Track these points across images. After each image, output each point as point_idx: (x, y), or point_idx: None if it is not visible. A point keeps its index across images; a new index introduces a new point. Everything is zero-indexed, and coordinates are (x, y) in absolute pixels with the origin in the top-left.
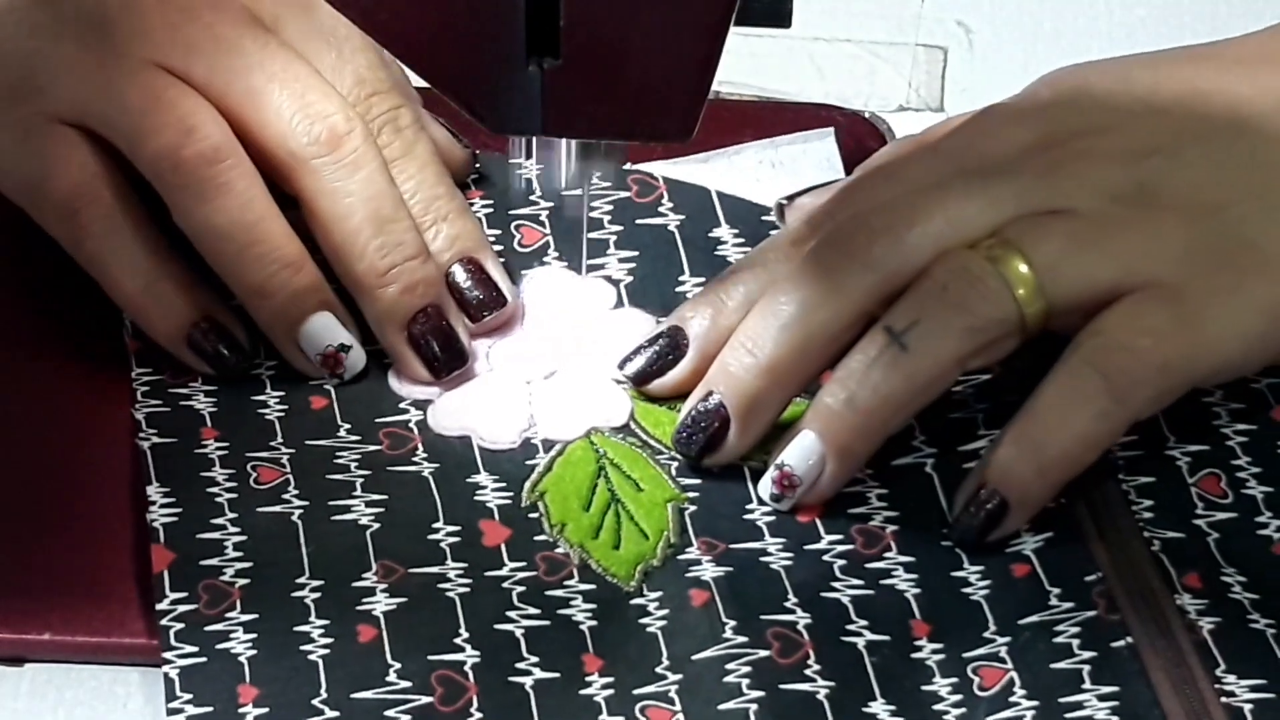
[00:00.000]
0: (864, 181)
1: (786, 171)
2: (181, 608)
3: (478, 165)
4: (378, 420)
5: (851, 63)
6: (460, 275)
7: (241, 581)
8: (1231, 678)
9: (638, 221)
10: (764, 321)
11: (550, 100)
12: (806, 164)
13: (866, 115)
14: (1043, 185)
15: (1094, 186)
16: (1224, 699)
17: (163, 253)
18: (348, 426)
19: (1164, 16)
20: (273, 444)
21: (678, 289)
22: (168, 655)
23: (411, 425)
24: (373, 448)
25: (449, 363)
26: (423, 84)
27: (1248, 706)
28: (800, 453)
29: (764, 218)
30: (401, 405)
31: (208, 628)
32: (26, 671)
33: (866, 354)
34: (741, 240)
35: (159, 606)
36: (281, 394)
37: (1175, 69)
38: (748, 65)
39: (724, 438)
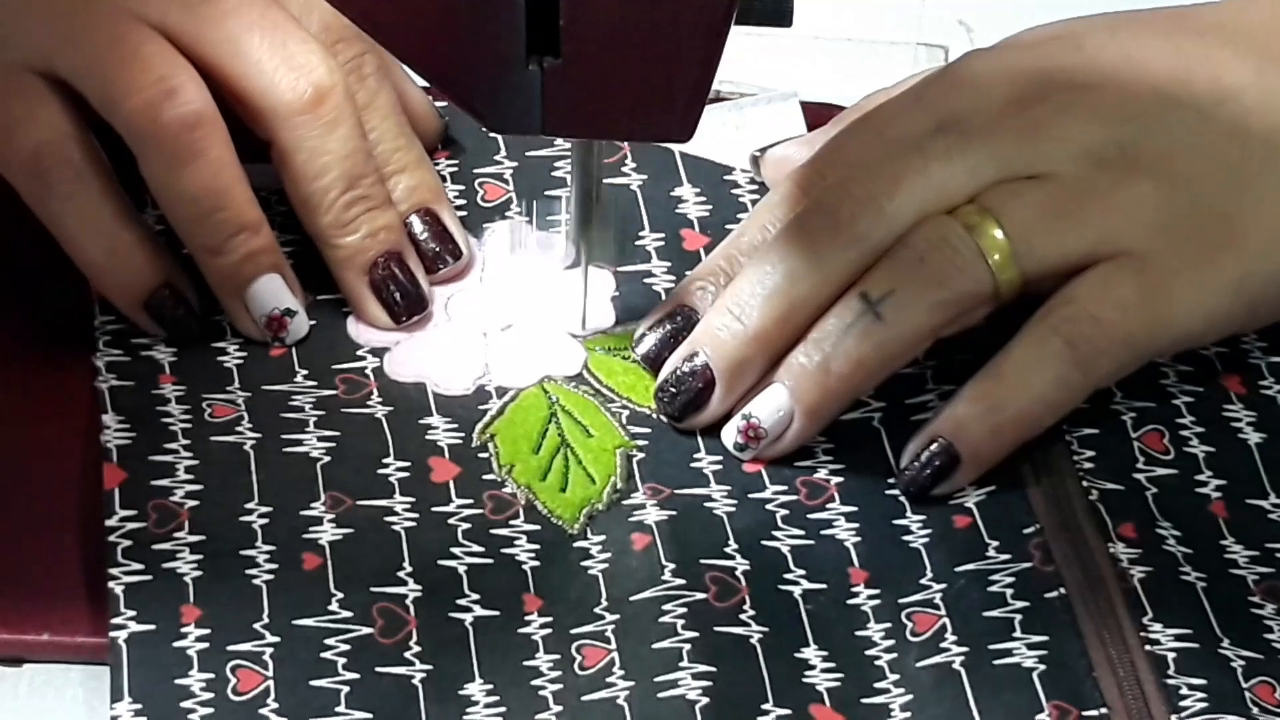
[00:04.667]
0: (849, 135)
1: (750, 133)
2: (129, 525)
3: (445, 125)
4: (334, 367)
5: (852, 61)
6: (417, 226)
7: (190, 503)
8: (1157, 626)
9: (602, 182)
10: (750, 289)
11: (550, 100)
12: (770, 126)
13: None
14: (1023, 148)
15: (1074, 149)
16: (1148, 647)
17: (126, 215)
18: (304, 373)
19: None
20: (229, 388)
21: (637, 242)
22: (113, 571)
23: (368, 372)
24: (328, 392)
25: (409, 308)
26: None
27: (1171, 655)
28: (770, 407)
29: (726, 177)
30: (359, 353)
31: (155, 546)
32: (26, 671)
33: (842, 319)
34: (703, 199)
35: (107, 523)
36: (240, 342)
37: (1160, 26)
38: (748, 65)
39: (709, 399)
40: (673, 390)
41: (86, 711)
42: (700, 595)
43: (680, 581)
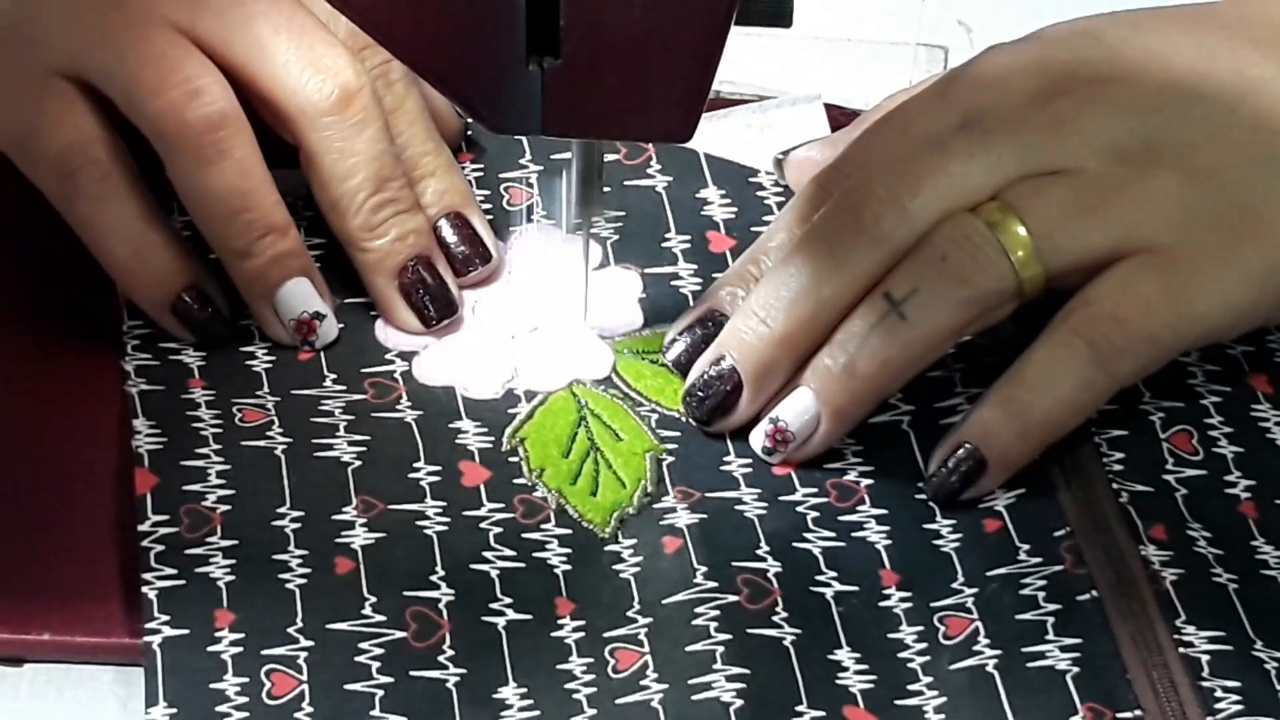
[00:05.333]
0: (872, 135)
1: (774, 135)
2: (162, 530)
3: (469, 132)
4: (363, 371)
5: (852, 62)
6: (446, 230)
7: (223, 508)
8: (1191, 628)
9: (625, 183)
10: (775, 291)
11: (550, 100)
12: (793, 128)
13: None
14: (1045, 143)
15: (1097, 143)
16: (1181, 649)
17: (153, 217)
18: (333, 377)
19: None
20: (259, 392)
21: (663, 244)
22: (147, 576)
23: (397, 376)
24: (357, 397)
25: (439, 312)
26: None
27: (1205, 657)
28: (797, 410)
29: (750, 179)
30: (387, 356)
31: (188, 551)
32: (26, 671)
33: (866, 320)
34: (728, 200)
35: (140, 528)
36: (269, 346)
37: (1182, 22)
38: (748, 65)
39: (736, 402)
40: (700, 394)
41: (87, 712)
42: (732, 598)
43: (712, 584)
